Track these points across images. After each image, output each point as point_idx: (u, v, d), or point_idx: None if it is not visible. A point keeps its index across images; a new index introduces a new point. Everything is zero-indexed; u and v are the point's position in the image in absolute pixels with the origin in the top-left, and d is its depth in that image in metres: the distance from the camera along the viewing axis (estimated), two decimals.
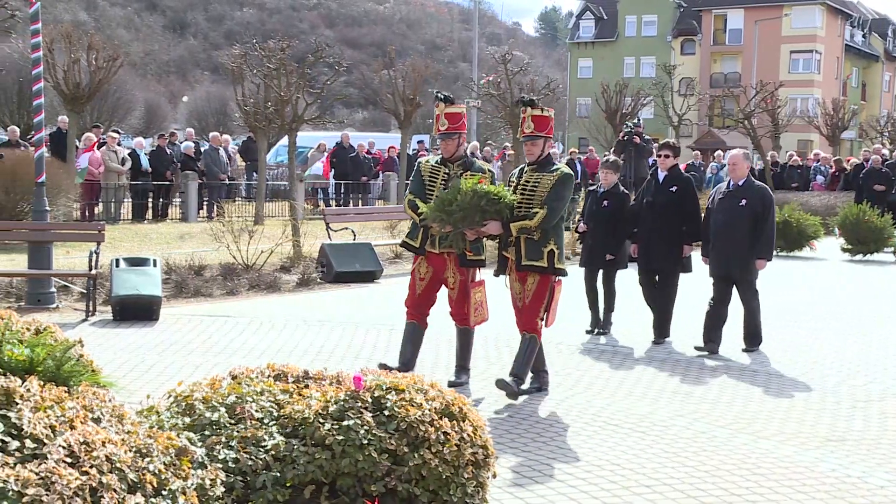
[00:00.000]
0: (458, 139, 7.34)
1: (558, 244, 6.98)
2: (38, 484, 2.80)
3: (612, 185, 9.72)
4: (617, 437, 6.24)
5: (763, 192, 8.88)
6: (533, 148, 7.06)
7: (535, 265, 6.94)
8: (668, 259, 9.20)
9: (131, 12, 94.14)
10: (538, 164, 7.06)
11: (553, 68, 77.81)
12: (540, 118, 7.05)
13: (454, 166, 7.34)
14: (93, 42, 20.97)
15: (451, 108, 7.36)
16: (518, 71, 24.77)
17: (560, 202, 6.93)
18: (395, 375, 4.34)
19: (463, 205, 6.69)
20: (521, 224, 6.85)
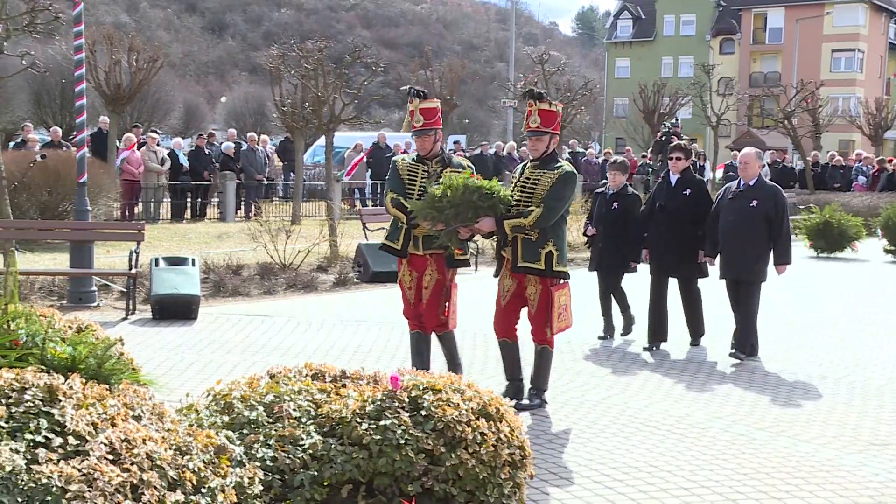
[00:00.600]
0: (435, 135, 7.03)
1: (558, 245, 6.61)
2: (81, 480, 2.83)
3: (621, 186, 9.38)
4: (654, 438, 6.19)
5: (776, 194, 8.58)
6: (538, 143, 6.72)
7: (531, 267, 6.58)
8: (683, 265, 8.90)
9: (171, 14, 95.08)
10: (541, 161, 6.72)
11: (590, 68, 77.54)
12: (547, 113, 6.71)
13: (432, 163, 7.01)
14: (133, 43, 21.22)
15: (426, 103, 7.02)
16: (555, 71, 24.69)
17: (559, 202, 6.56)
18: (432, 375, 4.34)
19: (454, 200, 6.33)
20: (516, 222, 6.48)
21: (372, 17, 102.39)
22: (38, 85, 35.96)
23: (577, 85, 25.40)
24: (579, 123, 36.12)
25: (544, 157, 6.73)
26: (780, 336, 9.82)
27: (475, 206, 6.38)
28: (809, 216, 18.50)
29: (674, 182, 8.98)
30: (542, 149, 6.73)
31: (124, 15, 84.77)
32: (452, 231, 6.46)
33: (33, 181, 15.60)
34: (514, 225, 6.48)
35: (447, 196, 6.33)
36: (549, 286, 6.60)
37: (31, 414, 3.01)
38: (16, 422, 2.96)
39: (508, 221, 6.48)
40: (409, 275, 7.06)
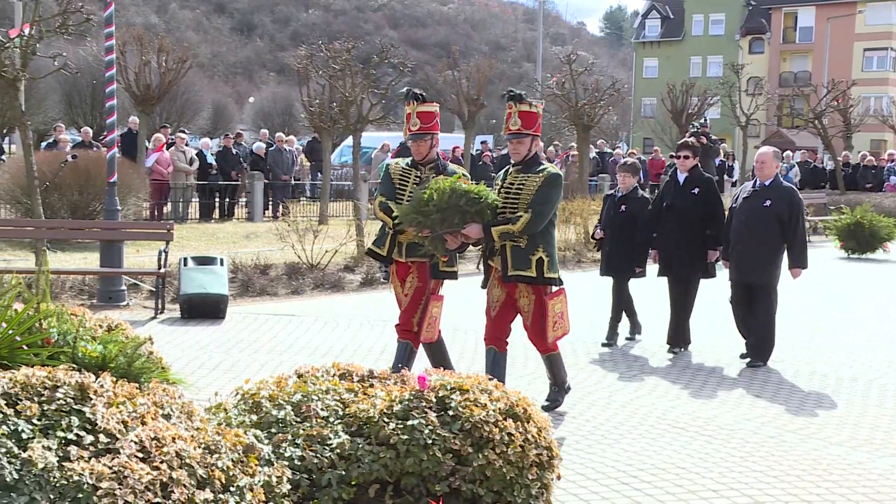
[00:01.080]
0: (431, 140, 6.80)
1: (548, 251, 6.37)
2: (112, 478, 2.86)
3: (631, 188, 9.15)
4: (682, 440, 6.16)
5: (791, 194, 8.34)
6: (519, 146, 6.44)
7: (522, 275, 6.31)
8: (690, 265, 8.65)
9: (200, 15, 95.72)
10: (524, 165, 6.44)
11: (618, 68, 77.25)
12: (527, 114, 6.43)
13: (426, 169, 6.78)
14: (163, 44, 21.37)
15: (424, 106, 6.77)
16: (583, 71, 24.59)
17: (547, 205, 6.28)
18: (459, 376, 4.34)
19: (440, 205, 6.06)
20: (504, 228, 6.20)
21: (399, 17, 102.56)
22: (70, 86, 36.30)
23: (604, 85, 25.26)
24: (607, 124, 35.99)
25: (527, 160, 6.46)
26: (810, 337, 9.74)
27: (462, 212, 6.11)
28: (840, 217, 18.34)
29: (682, 181, 8.77)
30: (523, 152, 6.45)
31: (154, 16, 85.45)
32: (439, 237, 6.20)
33: (64, 181, 15.75)
34: (503, 231, 6.22)
35: (433, 200, 6.08)
36: (542, 295, 6.37)
37: (63, 412, 3.03)
38: (48, 419, 2.99)
39: (496, 228, 6.21)
40: (399, 285, 6.89)
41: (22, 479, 2.73)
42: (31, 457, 2.79)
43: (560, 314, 6.45)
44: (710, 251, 8.65)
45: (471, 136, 26.91)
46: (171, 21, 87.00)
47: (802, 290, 13.15)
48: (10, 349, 3.57)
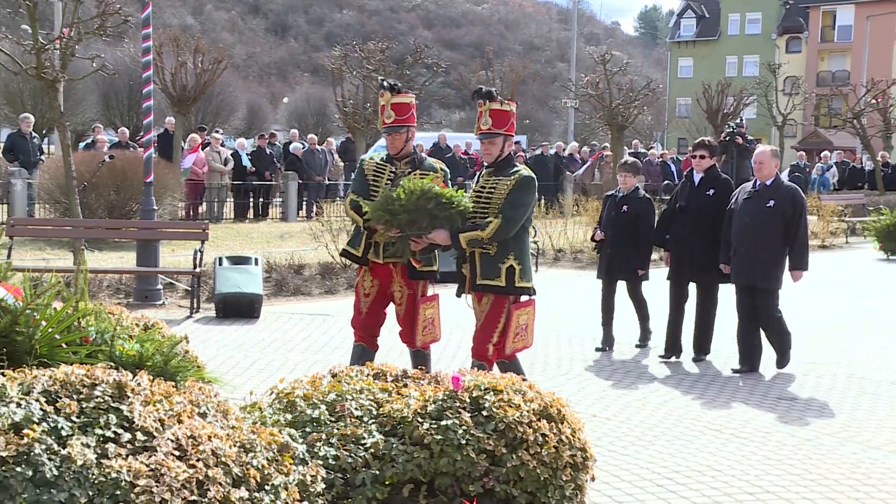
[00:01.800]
0: (407, 133, 6.41)
1: (520, 259, 5.99)
2: (149, 475, 2.88)
3: (632, 188, 8.86)
4: (718, 442, 6.11)
5: (794, 194, 8.03)
6: (490, 147, 6.06)
7: (490, 284, 5.96)
8: (706, 270, 8.28)
9: (235, 16, 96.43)
10: (496, 167, 6.08)
11: (652, 68, 76.84)
12: (499, 113, 6.05)
13: (401, 164, 6.42)
14: (199, 45, 21.58)
15: (398, 97, 6.39)
16: (617, 71, 24.49)
17: (518, 210, 5.91)
18: (493, 376, 4.33)
19: (408, 206, 5.80)
20: (472, 235, 5.86)
21: (433, 17, 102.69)
22: (107, 87, 36.74)
23: (639, 85, 25.15)
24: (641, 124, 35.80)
25: (499, 161, 6.09)
26: (848, 339, 9.63)
27: (431, 216, 5.82)
28: (879, 218, 18.13)
29: (697, 181, 8.42)
30: (495, 152, 6.08)
31: (190, 17, 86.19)
32: (405, 239, 5.95)
33: (102, 181, 15.93)
34: (471, 238, 5.88)
35: (401, 200, 5.81)
36: (509, 303, 6.00)
37: (101, 409, 3.06)
38: (86, 417, 3.01)
39: (464, 234, 5.87)
40: (370, 281, 6.53)
41: (62, 475, 2.76)
42: (70, 454, 2.82)
43: (524, 326, 6.08)
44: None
45: None
46: (206, 22, 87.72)
47: (842, 293, 13.01)
48: (49, 347, 3.61)
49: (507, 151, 6.15)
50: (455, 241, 5.90)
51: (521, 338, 6.10)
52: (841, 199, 23.27)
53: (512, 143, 6.23)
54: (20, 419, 2.86)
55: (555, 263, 15.16)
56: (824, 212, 21.26)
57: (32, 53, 11.12)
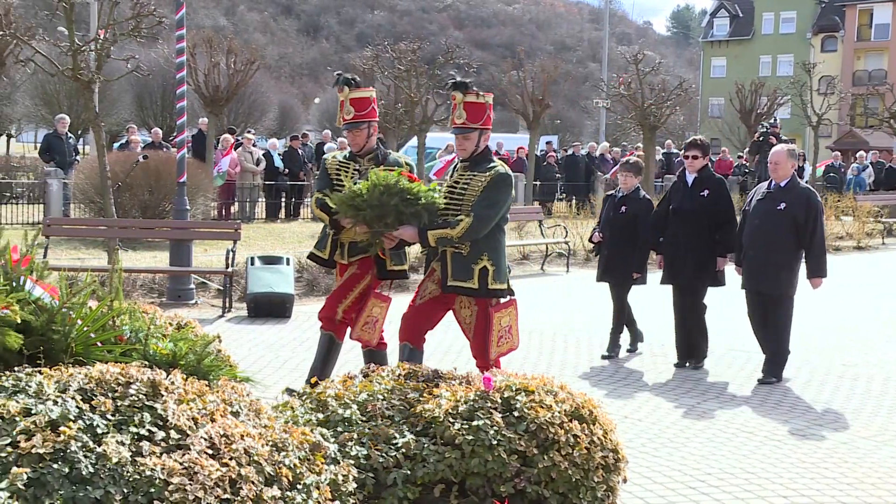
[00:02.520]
0: (368, 129, 6.23)
1: (494, 259, 5.68)
2: (182, 473, 2.90)
3: (633, 189, 8.54)
4: (751, 445, 6.06)
5: (808, 196, 7.67)
6: (465, 142, 5.73)
7: (462, 286, 5.65)
8: (697, 273, 8.01)
9: (267, 17, 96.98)
10: (471, 162, 5.76)
11: (685, 68, 76.42)
12: (474, 106, 5.71)
13: (364, 161, 6.23)
14: (231, 46, 21.69)
15: (357, 92, 6.18)
16: (649, 71, 24.35)
17: (492, 209, 5.58)
18: (525, 377, 4.32)
19: (372, 201, 5.52)
20: (441, 233, 5.55)
21: (464, 17, 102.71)
22: (141, 88, 37.07)
23: (671, 85, 25.01)
24: (673, 124, 35.58)
25: (475, 156, 5.77)
26: (883, 341, 9.51)
27: (397, 211, 5.54)
28: None
29: (690, 182, 8.11)
30: (470, 148, 5.75)
31: (223, 18, 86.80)
32: (376, 235, 5.70)
33: (135, 181, 16.08)
34: (440, 236, 5.56)
35: (363, 195, 5.55)
36: (488, 306, 5.71)
37: (136, 408, 3.09)
38: (121, 415, 3.04)
39: (433, 232, 5.56)
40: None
41: (97, 472, 2.79)
42: (105, 451, 2.85)
43: (508, 328, 5.78)
44: (719, 258, 8.01)
45: (535, 137, 26.82)
46: (239, 23, 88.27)
47: (878, 294, 12.86)
48: (85, 346, 3.64)
49: (483, 146, 5.82)
50: (423, 239, 5.60)
51: (505, 341, 5.79)
52: (877, 200, 23.01)
53: (488, 137, 5.91)
54: (57, 417, 2.89)
55: (586, 264, 15.10)
56: (860, 212, 21.04)
57: (69, 55, 11.24)
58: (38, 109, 38.77)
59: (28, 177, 24.19)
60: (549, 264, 15.20)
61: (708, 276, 8.04)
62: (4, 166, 25.08)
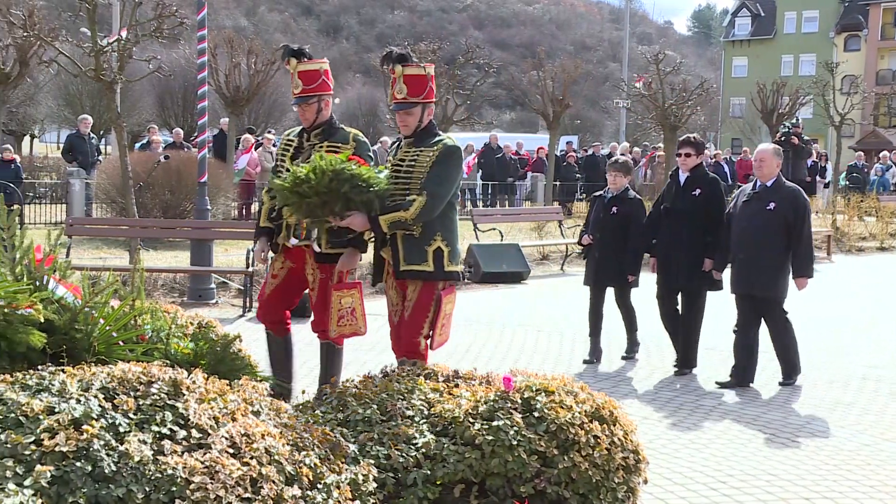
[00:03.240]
0: (319, 103, 5.80)
1: (448, 240, 5.34)
2: (204, 472, 2.91)
3: (622, 189, 8.30)
4: (773, 446, 6.02)
5: (796, 196, 7.48)
6: (408, 118, 5.37)
7: (416, 270, 5.31)
8: (692, 275, 7.79)
9: (288, 17, 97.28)
10: (415, 137, 5.40)
11: (706, 67, 76.07)
12: (414, 78, 5.34)
13: (312, 136, 5.84)
14: (252, 47, 21.76)
15: (306, 64, 5.80)
16: (670, 71, 24.24)
17: (444, 186, 5.23)
18: (545, 377, 4.31)
19: (319, 188, 5.08)
20: (394, 216, 5.18)
21: (484, 17, 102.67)
22: (163, 88, 37.24)
23: (692, 85, 24.89)
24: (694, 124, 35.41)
25: (418, 132, 5.41)
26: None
27: (346, 199, 5.13)
28: None
29: (682, 181, 7.87)
30: (412, 123, 5.39)
31: (243, 19, 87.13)
32: (319, 223, 5.35)
33: (157, 181, 16.17)
34: (393, 220, 5.20)
35: (310, 181, 5.09)
36: (438, 290, 5.34)
37: (157, 407, 3.10)
38: (143, 414, 3.06)
39: (385, 217, 5.19)
40: (281, 263, 6.02)
41: (119, 471, 2.81)
42: (127, 450, 2.86)
43: (449, 316, 5.46)
44: (707, 260, 7.77)
45: (555, 137, 26.77)
46: (259, 23, 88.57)
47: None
48: (107, 345, 3.67)
49: (427, 121, 5.46)
50: (375, 226, 5.23)
51: (445, 329, 5.44)
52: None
53: (432, 111, 5.54)
54: (80, 415, 2.91)
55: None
56: (883, 213, 20.87)
57: (91, 56, 11.32)
58: (61, 110, 39.06)
59: (51, 177, 24.41)
60: (569, 264, 15.17)
61: (704, 278, 7.82)
62: (28, 166, 25.28)
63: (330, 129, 5.85)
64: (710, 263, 7.76)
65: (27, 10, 12.61)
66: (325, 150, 5.57)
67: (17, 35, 12.23)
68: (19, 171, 18.70)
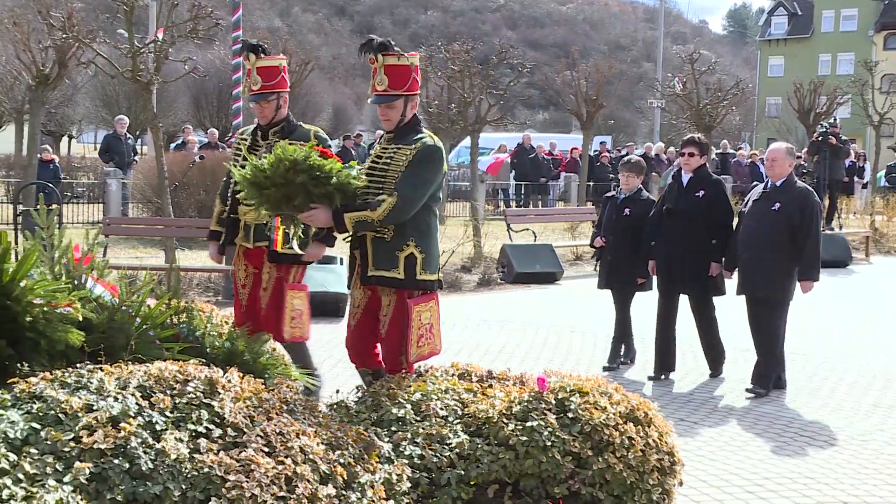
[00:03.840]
0: (278, 100, 5.70)
1: (423, 246, 4.92)
2: (239, 471, 2.93)
3: (635, 190, 8.02)
4: (810, 449, 5.95)
5: (804, 196, 7.23)
6: (389, 112, 5.01)
7: (385, 276, 4.88)
8: (693, 279, 7.56)
9: (322, 17, 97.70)
10: (396, 133, 5.03)
11: (741, 67, 75.42)
12: (396, 69, 4.96)
13: (270, 133, 5.71)
14: (286, 47, 21.90)
15: (265, 61, 5.68)
16: (705, 70, 24.06)
17: (419, 187, 4.80)
18: (579, 378, 4.30)
19: (276, 179, 4.68)
20: (360, 215, 4.74)
21: (518, 17, 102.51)
22: (198, 89, 37.51)
23: (727, 84, 24.68)
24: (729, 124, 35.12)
25: (401, 126, 5.04)
26: None
27: (305, 191, 4.72)
28: None
29: (685, 182, 7.63)
30: (394, 117, 5.01)
31: (277, 20, 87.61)
32: (288, 219, 4.96)
33: (192, 181, 16.28)
34: (358, 219, 4.76)
35: (266, 172, 4.71)
36: (406, 298, 4.92)
37: (194, 405, 3.13)
38: (179, 412, 3.08)
39: (350, 214, 4.74)
40: (244, 270, 5.81)
41: (156, 468, 2.83)
42: (164, 447, 2.89)
43: (429, 326, 4.99)
44: (713, 264, 7.53)
45: (589, 137, 26.68)
46: (293, 24, 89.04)
47: None
48: (144, 343, 3.70)
49: (411, 115, 5.07)
50: (339, 222, 4.76)
51: (427, 342, 5.00)
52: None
53: (416, 104, 5.15)
54: (117, 413, 2.94)
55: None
56: None
57: (128, 57, 11.43)
58: (98, 111, 39.45)
59: (88, 177, 24.70)
60: None
61: (707, 283, 7.60)
62: (66, 167, 25.59)
63: (288, 126, 5.75)
64: (717, 267, 7.55)
65: (67, 12, 12.76)
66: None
67: (57, 37, 12.37)
68: (58, 171, 18.94)
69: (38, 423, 2.84)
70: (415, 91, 5.06)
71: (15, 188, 16.26)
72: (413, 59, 5.05)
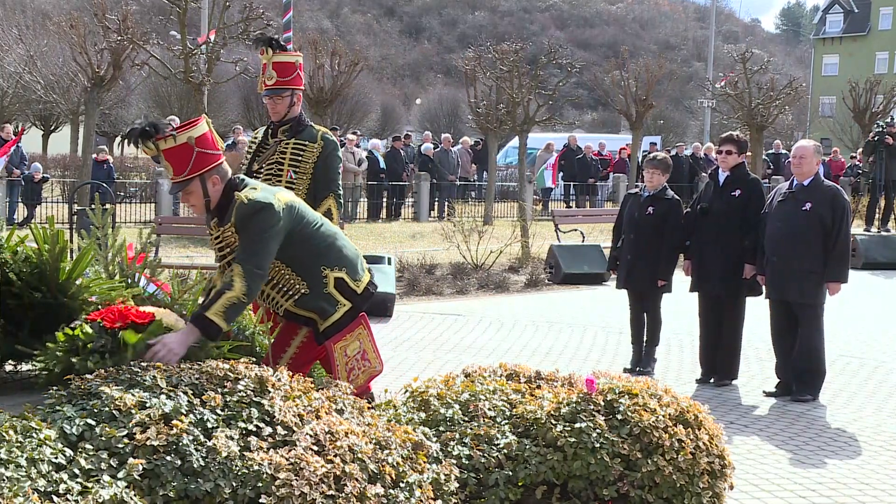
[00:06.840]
0: (292, 97, 5.64)
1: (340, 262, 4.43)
2: (289, 469, 2.96)
3: (660, 188, 7.71)
4: (865, 454, 5.85)
5: (834, 195, 7.02)
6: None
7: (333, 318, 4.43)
8: (730, 281, 7.33)
9: (370, 18, 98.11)
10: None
11: (794, 66, 74.33)
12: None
13: (279, 131, 5.66)
14: (336, 48, 22.01)
15: (281, 56, 5.65)
16: (757, 69, 23.78)
17: (256, 255, 3.94)
18: (628, 379, 4.27)
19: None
20: (222, 303, 3.76)
21: (567, 17, 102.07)
22: (248, 89, 37.87)
23: (780, 83, 24.37)
24: (782, 124, 34.67)
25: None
26: None
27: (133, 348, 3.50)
28: None
29: (722, 181, 7.41)
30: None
31: (327, 21, 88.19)
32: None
33: None
34: (226, 307, 3.75)
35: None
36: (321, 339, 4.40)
37: (244, 403, 3.16)
38: (230, 410, 3.12)
39: (213, 310, 3.71)
40: None
41: (207, 465, 2.86)
42: (215, 445, 2.92)
43: (360, 354, 4.57)
44: (747, 265, 7.27)
45: (639, 137, 26.51)
46: (342, 25, 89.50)
47: None
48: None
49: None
50: (208, 328, 3.70)
51: (360, 370, 4.57)
52: None
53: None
54: (169, 410, 2.98)
55: None
56: None
57: (181, 58, 11.58)
58: (151, 111, 39.98)
59: (140, 177, 25.05)
60: None
61: (741, 283, 7.36)
62: (119, 167, 25.99)
63: (298, 125, 5.66)
64: (751, 269, 7.29)
65: (122, 15, 12.96)
66: (291, 147, 5.53)
67: (112, 39, 12.57)
68: (112, 171, 19.24)
69: (93, 419, 2.89)
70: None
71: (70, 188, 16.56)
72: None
